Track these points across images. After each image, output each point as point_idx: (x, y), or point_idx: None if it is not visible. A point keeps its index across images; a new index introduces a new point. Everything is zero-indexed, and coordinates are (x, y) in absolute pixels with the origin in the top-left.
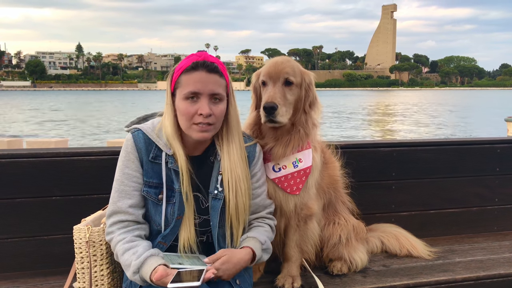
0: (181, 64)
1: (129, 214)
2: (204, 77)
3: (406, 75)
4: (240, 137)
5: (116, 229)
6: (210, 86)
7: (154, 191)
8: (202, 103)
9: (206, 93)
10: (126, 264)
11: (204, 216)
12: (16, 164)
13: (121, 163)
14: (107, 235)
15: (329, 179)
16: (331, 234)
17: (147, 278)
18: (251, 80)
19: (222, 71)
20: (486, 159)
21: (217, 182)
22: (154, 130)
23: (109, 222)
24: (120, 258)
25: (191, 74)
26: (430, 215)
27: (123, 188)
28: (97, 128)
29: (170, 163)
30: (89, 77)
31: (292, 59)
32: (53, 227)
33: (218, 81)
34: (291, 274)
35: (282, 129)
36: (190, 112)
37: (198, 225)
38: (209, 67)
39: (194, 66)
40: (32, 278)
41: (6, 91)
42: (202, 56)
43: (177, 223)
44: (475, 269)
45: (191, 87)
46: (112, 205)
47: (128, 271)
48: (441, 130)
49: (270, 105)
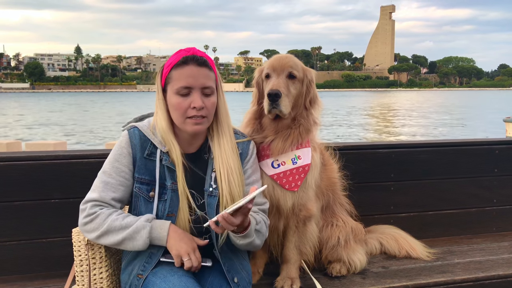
0: (171, 60)
1: (111, 206)
2: (194, 71)
3: (405, 75)
4: (230, 130)
5: (100, 209)
6: (201, 79)
7: (146, 188)
8: (195, 97)
9: (198, 86)
10: (132, 222)
11: (198, 213)
12: (15, 167)
13: (112, 156)
14: (87, 216)
15: (327, 181)
16: (330, 235)
17: (165, 225)
18: (254, 76)
19: (211, 65)
20: (484, 160)
21: (211, 180)
22: (150, 128)
23: (88, 205)
24: (121, 222)
25: (182, 68)
26: (428, 216)
27: (110, 180)
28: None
29: (164, 160)
30: (88, 79)
31: (294, 56)
32: (52, 229)
33: (208, 74)
34: (290, 276)
35: (283, 123)
36: (184, 107)
37: (193, 222)
38: (199, 61)
39: (184, 60)
40: (31, 281)
41: (5, 93)
42: (191, 51)
43: (169, 220)
44: (474, 270)
45: (183, 82)
46: (94, 192)
47: (133, 225)
48: (437, 131)
49: (275, 92)
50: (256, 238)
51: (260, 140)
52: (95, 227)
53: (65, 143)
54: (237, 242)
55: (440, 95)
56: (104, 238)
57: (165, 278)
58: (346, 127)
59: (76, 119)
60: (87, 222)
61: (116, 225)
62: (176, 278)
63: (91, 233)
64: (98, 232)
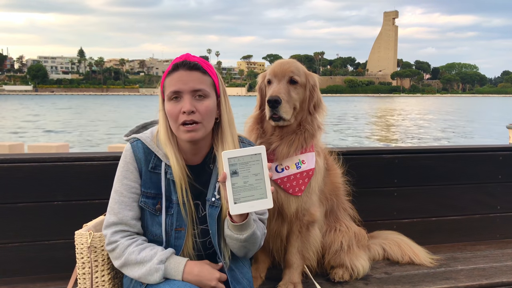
0: (167, 69)
1: (131, 226)
2: (184, 75)
3: (408, 81)
4: (235, 138)
5: (120, 237)
6: (190, 83)
7: (151, 202)
8: (185, 101)
9: (187, 90)
10: (146, 258)
11: (201, 226)
12: (18, 168)
13: (119, 174)
14: (109, 244)
15: (331, 186)
16: (333, 241)
17: (180, 267)
18: (257, 81)
19: (206, 68)
20: (488, 167)
21: (215, 190)
22: (153, 140)
23: (110, 231)
24: (137, 256)
25: (173, 75)
26: (432, 222)
27: (123, 199)
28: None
29: (169, 173)
30: (91, 82)
31: (297, 61)
32: (54, 232)
33: (200, 77)
34: (293, 281)
35: (288, 128)
36: (175, 112)
37: (198, 236)
38: (189, 65)
39: (174, 67)
40: (33, 283)
41: (8, 95)
42: (183, 57)
43: (179, 235)
44: (478, 277)
45: (172, 87)
46: (113, 215)
47: (147, 264)
48: (443, 135)
49: (274, 98)
50: (256, 229)
51: (265, 146)
52: (116, 257)
53: (67, 145)
54: (238, 237)
55: (444, 101)
56: (125, 270)
57: (168, 280)
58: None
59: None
60: (109, 250)
61: (132, 260)
62: (180, 281)
63: (115, 261)
64: (119, 262)
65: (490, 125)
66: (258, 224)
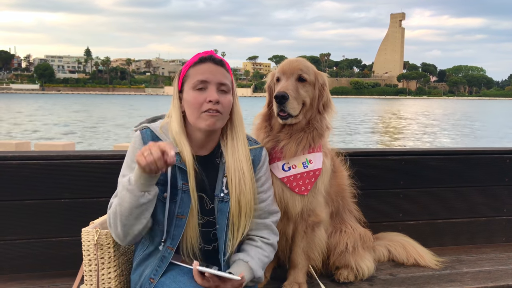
0: (188, 61)
1: None
2: (212, 67)
3: (414, 83)
4: (244, 136)
5: None
6: (218, 76)
7: (160, 189)
8: (211, 91)
9: (214, 81)
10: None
11: (207, 218)
12: (26, 166)
13: (128, 159)
14: (108, 217)
15: (337, 187)
16: (338, 242)
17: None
18: (266, 80)
19: (228, 67)
20: (495, 169)
21: (223, 185)
22: (160, 129)
23: (111, 209)
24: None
25: (199, 66)
26: (437, 225)
27: None
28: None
29: (177, 160)
30: (97, 81)
31: (306, 60)
32: (61, 229)
33: (225, 73)
34: (298, 281)
35: (297, 126)
36: (199, 101)
37: (202, 226)
38: (216, 60)
39: (201, 59)
40: (39, 280)
41: (15, 94)
42: (209, 53)
43: (180, 223)
44: (483, 279)
45: (199, 76)
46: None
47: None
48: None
49: (281, 94)
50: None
51: (273, 144)
52: (113, 216)
53: (73, 144)
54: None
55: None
56: (123, 221)
57: (175, 278)
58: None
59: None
60: (108, 221)
61: (116, 202)
62: (186, 279)
63: (116, 228)
64: (117, 220)
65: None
66: (263, 254)
